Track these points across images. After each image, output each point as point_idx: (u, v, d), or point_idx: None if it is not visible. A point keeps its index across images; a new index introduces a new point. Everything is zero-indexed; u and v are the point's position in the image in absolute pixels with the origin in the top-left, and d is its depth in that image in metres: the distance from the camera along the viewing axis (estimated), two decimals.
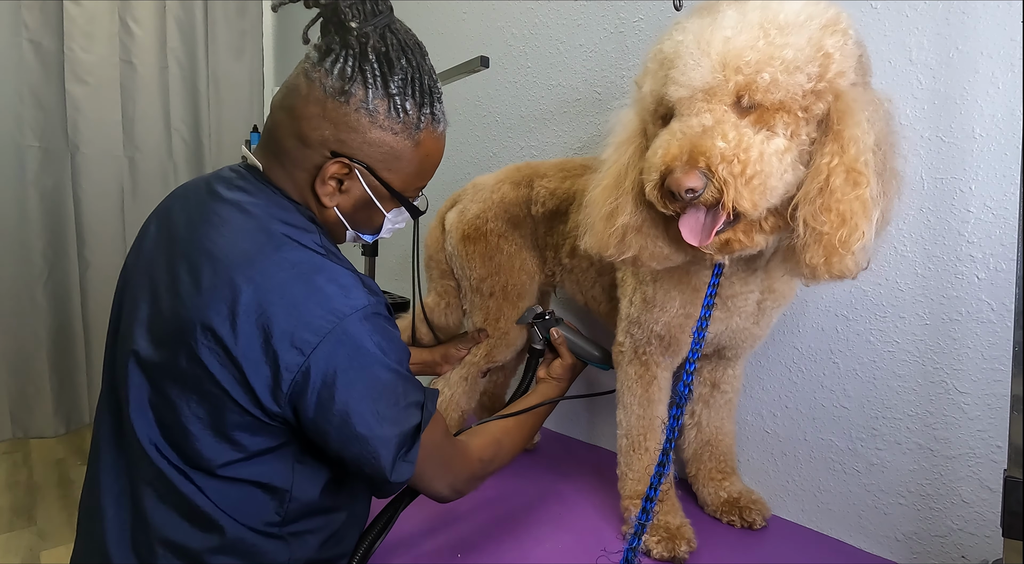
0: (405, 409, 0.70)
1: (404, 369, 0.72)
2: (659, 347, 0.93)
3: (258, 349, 0.64)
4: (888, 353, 0.91)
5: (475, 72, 1.15)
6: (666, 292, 0.88)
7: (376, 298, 0.70)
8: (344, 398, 0.66)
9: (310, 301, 0.65)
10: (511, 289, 1.12)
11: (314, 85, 0.69)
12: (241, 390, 0.65)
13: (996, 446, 0.82)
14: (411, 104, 0.72)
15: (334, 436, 0.67)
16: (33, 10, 2.03)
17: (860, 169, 0.66)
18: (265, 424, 0.68)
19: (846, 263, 0.67)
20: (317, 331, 0.64)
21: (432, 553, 0.88)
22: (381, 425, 0.68)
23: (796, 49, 0.64)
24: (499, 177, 1.17)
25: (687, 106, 0.68)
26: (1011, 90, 0.79)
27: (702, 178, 0.64)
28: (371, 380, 0.68)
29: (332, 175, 0.72)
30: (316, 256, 0.69)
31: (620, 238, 0.78)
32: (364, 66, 0.69)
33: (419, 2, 1.81)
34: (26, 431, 2.13)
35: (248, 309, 0.64)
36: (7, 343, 2.08)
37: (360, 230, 0.80)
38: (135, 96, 2.26)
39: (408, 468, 0.70)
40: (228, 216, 0.71)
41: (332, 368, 0.65)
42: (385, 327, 0.70)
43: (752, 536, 0.96)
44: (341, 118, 0.69)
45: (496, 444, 0.88)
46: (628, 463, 0.96)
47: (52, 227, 2.14)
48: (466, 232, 1.13)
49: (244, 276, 0.65)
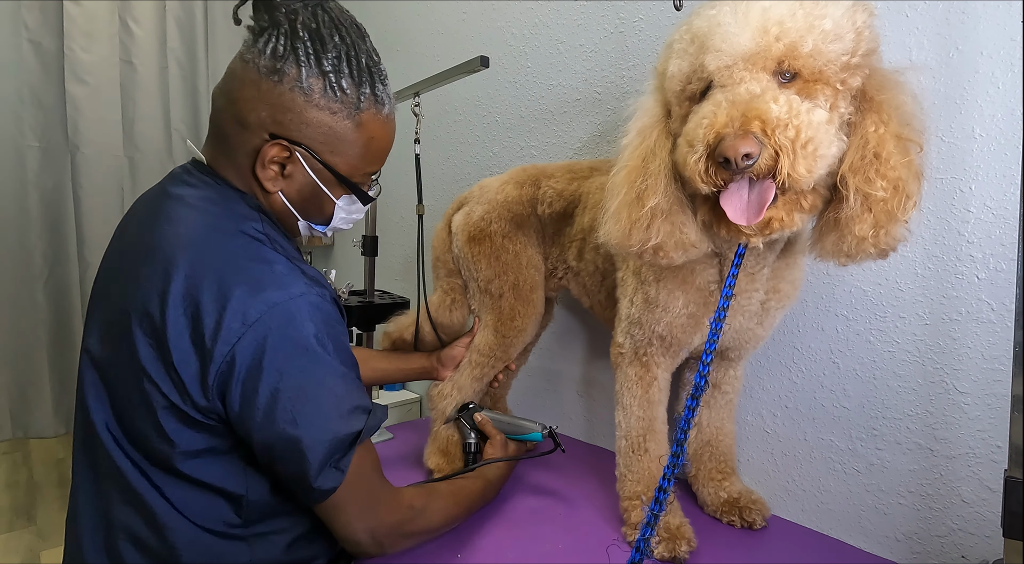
0: (343, 412, 0.65)
1: (346, 367, 0.67)
2: (660, 348, 0.92)
3: (186, 338, 0.63)
4: (888, 353, 0.91)
5: (475, 72, 1.14)
6: (669, 292, 0.87)
7: (318, 289, 0.67)
8: (269, 391, 0.62)
9: (240, 288, 0.63)
10: (522, 286, 1.12)
11: (248, 66, 0.68)
12: (170, 382, 0.63)
13: (996, 446, 0.82)
14: (348, 82, 0.70)
15: (258, 432, 0.63)
16: (33, 10, 2.03)
17: (909, 136, 0.65)
18: (199, 422, 0.65)
19: (893, 235, 0.66)
20: (245, 319, 0.62)
21: (432, 553, 0.88)
22: (310, 424, 0.63)
23: (834, 20, 0.64)
24: (504, 179, 1.17)
25: (727, 75, 0.66)
26: (1011, 90, 0.79)
27: (757, 143, 0.61)
28: (302, 373, 0.63)
29: (272, 158, 0.70)
30: (252, 243, 0.67)
31: (646, 224, 0.75)
32: (296, 44, 0.67)
33: (419, 2, 1.81)
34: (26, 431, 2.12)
35: (177, 297, 0.63)
36: (7, 343, 2.08)
37: (311, 219, 0.78)
38: (135, 96, 2.26)
39: (336, 476, 0.65)
40: (171, 211, 0.70)
41: (258, 358, 0.62)
42: (325, 320, 0.66)
43: (752, 536, 0.96)
44: (276, 98, 0.67)
45: (427, 496, 0.80)
46: (627, 464, 0.96)
47: (52, 227, 2.14)
48: (472, 234, 1.13)
49: (175, 265, 0.64)
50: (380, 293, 1.57)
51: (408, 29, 1.87)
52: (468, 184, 1.68)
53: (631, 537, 0.91)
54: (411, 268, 1.90)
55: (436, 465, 1.14)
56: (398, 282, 1.96)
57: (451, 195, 1.74)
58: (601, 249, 1.04)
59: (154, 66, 2.30)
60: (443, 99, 1.70)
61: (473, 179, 1.66)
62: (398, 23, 1.91)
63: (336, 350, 0.66)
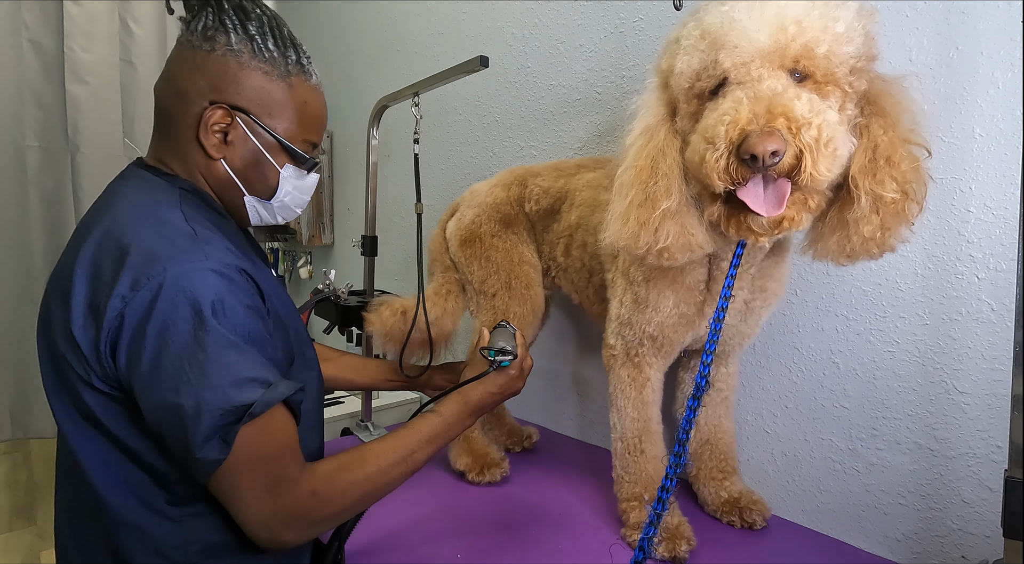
0: (233, 382, 0.62)
1: (242, 339, 0.64)
2: (652, 348, 0.92)
3: (84, 304, 0.64)
4: (888, 353, 0.91)
5: (475, 72, 1.14)
6: (659, 292, 0.88)
7: (221, 262, 0.65)
8: (151, 356, 0.61)
9: (135, 254, 0.64)
10: (515, 283, 1.13)
11: (183, 46, 0.74)
12: (72, 350, 0.64)
13: (996, 446, 0.82)
14: (273, 46, 0.74)
15: (143, 399, 0.62)
16: (33, 10, 2.03)
17: (916, 140, 0.67)
18: (107, 393, 0.65)
19: (897, 237, 0.68)
20: (135, 284, 0.62)
21: (432, 553, 0.88)
22: (191, 393, 0.60)
23: (846, 23, 0.64)
24: (493, 182, 1.20)
25: (745, 72, 0.65)
26: (1011, 90, 0.79)
27: (784, 141, 0.61)
28: (188, 339, 0.61)
29: (215, 124, 0.73)
30: (165, 216, 0.69)
31: (656, 227, 0.74)
32: (223, 17, 0.73)
33: (419, 2, 1.81)
34: (26, 431, 2.12)
35: (84, 265, 0.66)
36: (7, 343, 2.08)
37: (257, 192, 0.78)
38: (135, 96, 2.26)
39: (221, 448, 0.61)
40: (102, 202, 0.74)
41: (143, 322, 0.61)
42: (221, 290, 0.64)
43: (752, 536, 0.96)
44: (211, 65, 0.72)
45: (338, 471, 0.70)
46: (625, 466, 0.96)
47: (52, 227, 2.13)
48: (463, 237, 1.16)
49: (87, 239, 0.67)
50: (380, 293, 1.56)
51: (408, 29, 1.87)
52: (468, 184, 1.68)
53: (631, 538, 0.91)
54: (411, 268, 1.90)
55: (466, 465, 1.15)
56: (398, 282, 1.96)
57: (450, 195, 1.74)
58: (588, 246, 1.04)
59: (154, 66, 2.29)
60: (443, 99, 1.69)
61: (473, 179, 1.66)
62: (398, 23, 1.91)
63: (233, 320, 0.64)
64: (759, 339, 1.04)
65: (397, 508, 1.02)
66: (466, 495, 1.09)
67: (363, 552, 0.90)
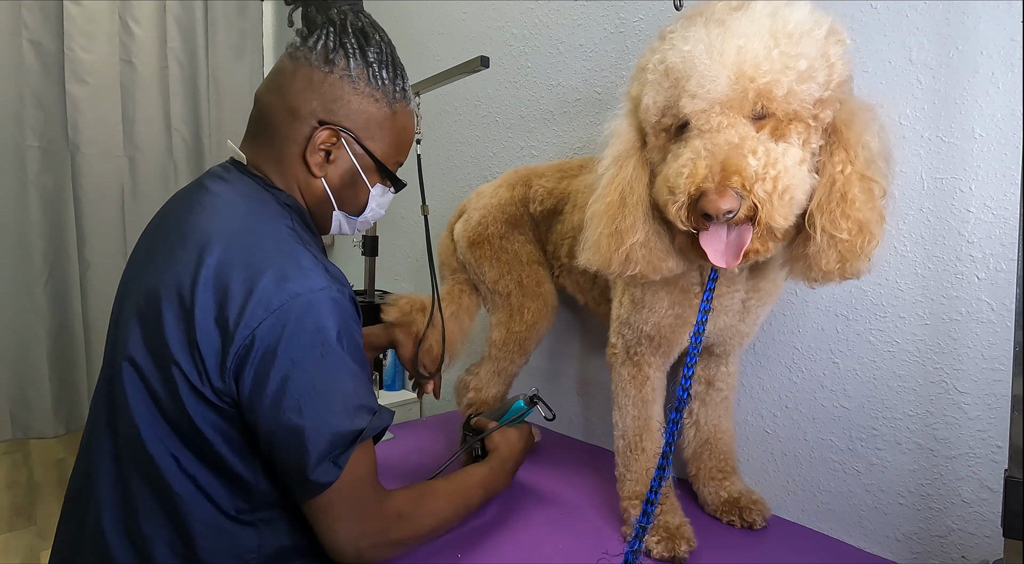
0: (349, 409, 0.67)
1: (358, 365, 0.69)
2: (649, 347, 0.93)
3: (212, 318, 0.65)
4: (888, 353, 0.91)
5: (475, 72, 1.15)
6: (654, 293, 0.89)
7: (339, 286, 0.69)
8: (280, 377, 0.64)
9: (266, 276, 0.65)
10: (527, 281, 1.15)
11: (299, 62, 0.75)
12: (191, 361, 0.65)
13: (996, 446, 0.82)
14: (387, 74, 0.78)
15: (263, 418, 0.65)
16: (33, 10, 2.03)
17: (873, 176, 0.66)
18: (215, 405, 0.67)
19: (858, 267, 0.68)
20: (267, 306, 0.64)
21: (432, 553, 0.88)
22: (314, 415, 0.64)
23: (808, 59, 0.64)
24: (498, 183, 1.21)
25: (704, 120, 0.66)
26: (1011, 90, 0.79)
27: (737, 198, 0.63)
28: (314, 365, 0.65)
29: (322, 143, 0.76)
30: (283, 236, 0.70)
31: (625, 256, 0.77)
32: (344, 39, 0.75)
33: (419, 2, 1.81)
34: (26, 431, 2.12)
35: (208, 278, 0.66)
36: (7, 343, 2.08)
37: (346, 209, 0.83)
38: (135, 96, 2.26)
39: (333, 471, 0.66)
40: (207, 202, 0.74)
41: (274, 345, 0.64)
42: (343, 317, 0.68)
43: (752, 535, 0.96)
44: (327, 87, 0.75)
45: (418, 499, 0.77)
46: (626, 464, 0.96)
47: (52, 227, 2.13)
48: (471, 239, 1.18)
49: (210, 249, 0.67)
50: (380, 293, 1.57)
51: (408, 29, 1.87)
52: (468, 184, 1.68)
53: (631, 537, 0.91)
54: (411, 268, 1.91)
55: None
56: (398, 282, 1.96)
57: (451, 195, 1.74)
58: None
59: (154, 66, 2.30)
60: (443, 99, 1.70)
61: (473, 179, 1.66)
62: (398, 23, 1.91)
63: (350, 347, 0.68)
64: (759, 339, 1.05)
65: None
66: None
67: None
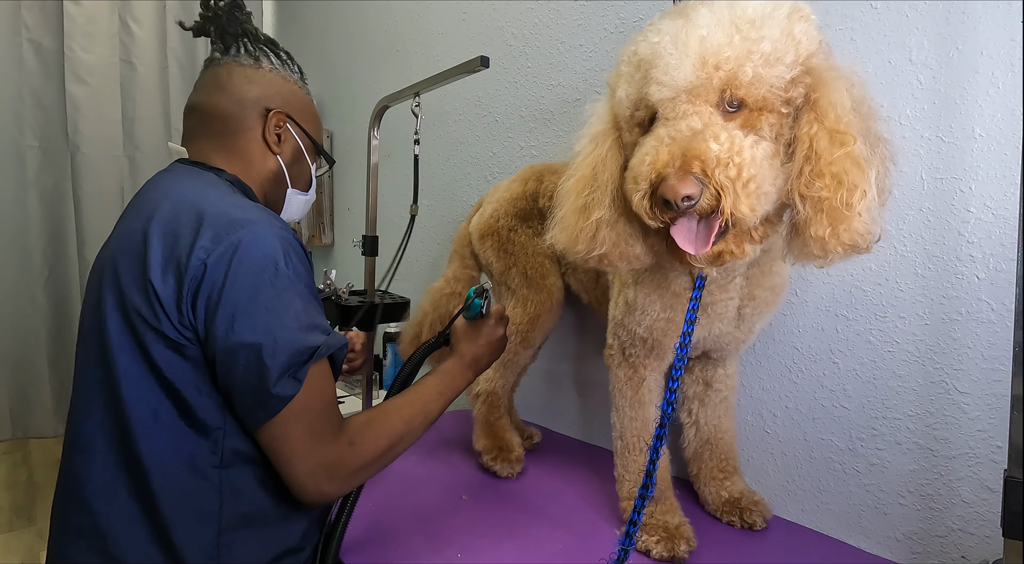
0: (302, 326, 0.70)
1: (308, 291, 0.74)
2: (643, 349, 0.93)
3: (162, 256, 0.70)
4: (888, 353, 0.91)
5: (475, 72, 1.14)
6: (647, 296, 0.88)
7: (284, 226, 0.75)
8: (233, 301, 0.68)
9: (212, 215, 0.71)
10: (532, 273, 1.17)
11: (231, 65, 0.87)
12: (147, 301, 0.69)
13: (996, 446, 0.82)
14: (296, 67, 0.94)
15: (221, 342, 0.68)
16: (33, 10, 2.03)
17: (843, 129, 0.63)
18: (177, 343, 0.70)
19: (855, 228, 0.63)
20: (216, 238, 0.69)
21: (432, 553, 0.88)
22: (269, 333, 0.67)
23: (772, 41, 0.63)
24: (513, 178, 1.24)
25: (671, 108, 0.65)
26: (1011, 90, 0.79)
27: (698, 184, 0.61)
28: (266, 286, 0.69)
29: (276, 125, 0.87)
30: (227, 190, 0.79)
31: (592, 234, 0.76)
32: (259, 46, 0.90)
33: (419, 2, 1.81)
34: (26, 431, 2.12)
35: (157, 226, 0.72)
36: (7, 343, 2.08)
37: (296, 185, 0.94)
38: (135, 96, 2.26)
39: (293, 385, 0.68)
40: (154, 182, 0.82)
41: (224, 271, 0.68)
42: (291, 249, 0.73)
43: (752, 536, 0.96)
44: (264, 80, 0.88)
45: (367, 423, 0.76)
46: (625, 465, 0.96)
47: (52, 227, 2.13)
48: (483, 231, 1.21)
49: (158, 207, 0.74)
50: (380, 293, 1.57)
51: (408, 29, 1.87)
52: (468, 184, 1.68)
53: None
54: (411, 268, 1.90)
55: (484, 446, 1.19)
56: (398, 282, 1.95)
57: (451, 195, 1.74)
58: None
59: (154, 66, 2.29)
60: (443, 99, 1.69)
61: (473, 179, 1.66)
62: (398, 23, 1.91)
63: (298, 274, 0.73)
64: (759, 339, 1.04)
65: (398, 507, 1.02)
66: (467, 494, 1.09)
67: (364, 552, 0.90)
